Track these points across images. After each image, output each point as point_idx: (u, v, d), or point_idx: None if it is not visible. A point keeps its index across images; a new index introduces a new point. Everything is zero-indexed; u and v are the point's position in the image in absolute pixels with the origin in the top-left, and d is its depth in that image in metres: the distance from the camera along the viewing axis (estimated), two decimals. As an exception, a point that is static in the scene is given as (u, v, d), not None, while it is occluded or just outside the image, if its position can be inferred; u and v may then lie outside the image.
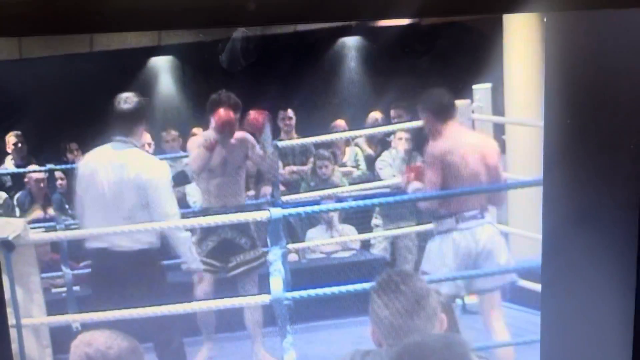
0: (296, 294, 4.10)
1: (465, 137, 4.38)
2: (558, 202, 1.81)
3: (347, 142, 6.43)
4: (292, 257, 5.84)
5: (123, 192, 4.12)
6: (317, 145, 6.02)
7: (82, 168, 4.26)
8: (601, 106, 1.76)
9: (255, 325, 4.75)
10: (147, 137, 5.74)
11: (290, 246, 5.53)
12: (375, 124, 6.43)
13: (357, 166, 6.36)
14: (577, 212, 1.81)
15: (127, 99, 4.16)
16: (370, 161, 6.27)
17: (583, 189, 1.75)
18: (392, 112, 6.34)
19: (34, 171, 5.44)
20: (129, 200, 4.12)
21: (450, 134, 4.28)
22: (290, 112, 6.38)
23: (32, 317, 4.03)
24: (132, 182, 4.11)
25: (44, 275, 4.34)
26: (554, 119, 1.76)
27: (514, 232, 5.55)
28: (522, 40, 6.04)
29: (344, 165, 6.33)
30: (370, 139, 6.45)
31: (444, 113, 4.30)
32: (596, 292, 1.85)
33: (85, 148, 5.96)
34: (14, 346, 3.70)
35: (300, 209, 4.46)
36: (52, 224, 5.20)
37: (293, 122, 6.38)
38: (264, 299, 4.11)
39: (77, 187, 4.24)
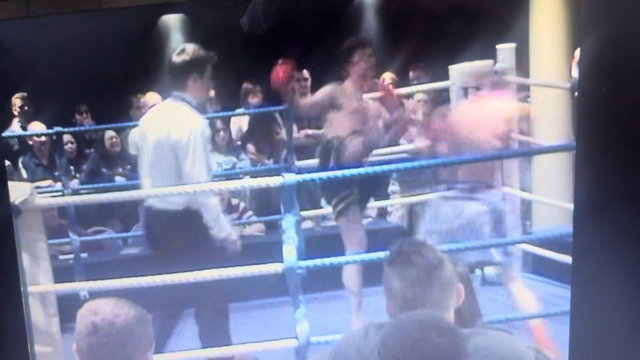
0: (310, 262, 4.02)
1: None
2: (591, 172, 1.71)
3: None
4: (308, 224, 5.75)
5: (159, 151, 4.01)
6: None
7: (140, 124, 4.21)
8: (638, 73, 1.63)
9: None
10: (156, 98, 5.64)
11: (305, 213, 5.43)
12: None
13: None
14: (611, 183, 1.71)
15: (181, 50, 4.04)
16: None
17: (618, 159, 1.65)
18: (411, 73, 6.21)
19: (42, 134, 5.33)
20: (164, 159, 4.01)
21: None
22: (305, 73, 6.22)
23: (38, 284, 3.96)
24: (165, 141, 4.00)
25: (50, 241, 4.25)
26: (589, 85, 1.64)
27: (538, 200, 5.48)
28: (549, -2, 5.89)
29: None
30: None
31: None
32: (629, 265, 1.75)
33: (94, 110, 5.90)
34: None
35: (315, 175, 4.37)
36: (60, 188, 5.11)
37: (309, 83, 6.22)
38: (277, 267, 4.01)
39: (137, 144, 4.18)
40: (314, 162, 5.54)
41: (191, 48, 4.06)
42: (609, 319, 1.84)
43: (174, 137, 3.97)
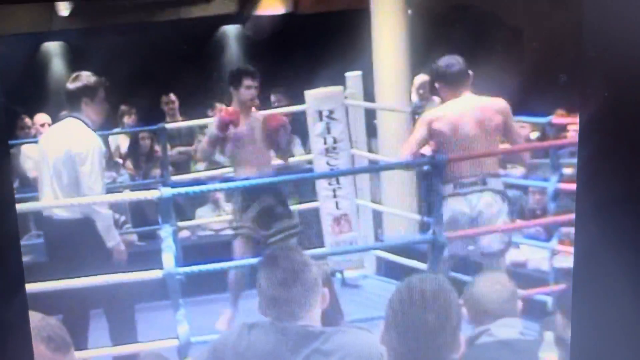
0: (187, 269, 4.23)
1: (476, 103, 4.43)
2: (593, 176, 1.72)
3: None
4: (185, 233, 6.07)
5: (61, 165, 4.23)
6: (202, 127, 6.09)
7: (40, 142, 4.46)
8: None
9: None
10: (45, 118, 5.80)
11: (181, 224, 5.75)
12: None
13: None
14: (615, 196, 1.67)
15: (75, 77, 4.32)
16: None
17: (621, 170, 1.65)
18: (272, 97, 6.62)
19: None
20: (65, 172, 4.23)
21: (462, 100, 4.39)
22: (172, 96, 6.58)
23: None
24: (65, 155, 4.23)
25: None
26: (591, 91, 1.65)
27: (387, 211, 5.90)
28: (388, 30, 6.37)
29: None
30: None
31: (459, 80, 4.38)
32: (632, 268, 1.71)
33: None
34: None
35: (189, 189, 4.56)
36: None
37: (176, 105, 6.58)
38: (157, 274, 4.12)
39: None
40: (187, 176, 5.91)
41: (83, 75, 4.34)
42: (611, 321, 1.76)
43: (75, 151, 4.23)
